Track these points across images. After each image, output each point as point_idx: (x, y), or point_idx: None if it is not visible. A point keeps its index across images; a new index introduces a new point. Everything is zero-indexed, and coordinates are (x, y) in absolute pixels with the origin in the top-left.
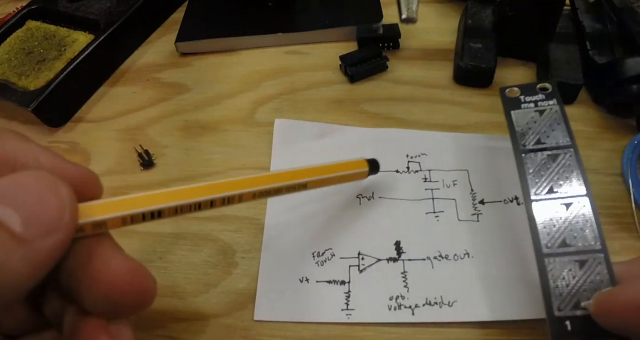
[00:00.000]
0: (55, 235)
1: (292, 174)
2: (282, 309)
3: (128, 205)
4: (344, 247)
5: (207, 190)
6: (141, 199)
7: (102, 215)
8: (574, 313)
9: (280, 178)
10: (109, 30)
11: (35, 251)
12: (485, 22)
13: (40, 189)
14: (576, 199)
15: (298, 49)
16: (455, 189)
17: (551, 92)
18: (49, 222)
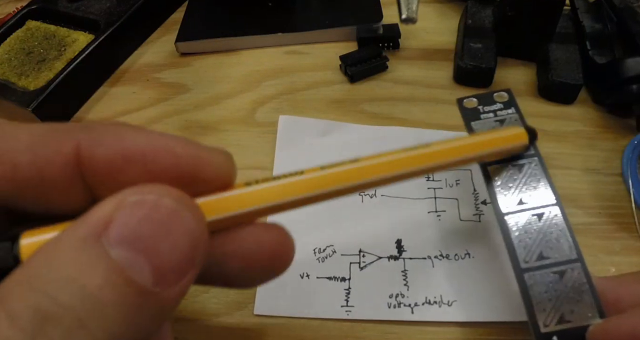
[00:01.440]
0: (187, 277)
1: (447, 151)
2: (282, 304)
3: (266, 196)
4: (345, 244)
5: (356, 173)
6: (284, 187)
7: (237, 210)
8: (560, 327)
9: (433, 157)
10: (109, 30)
11: (166, 300)
12: (485, 22)
13: (169, 222)
14: (547, 209)
15: (298, 49)
16: (457, 189)
17: (508, 101)
18: (182, 267)
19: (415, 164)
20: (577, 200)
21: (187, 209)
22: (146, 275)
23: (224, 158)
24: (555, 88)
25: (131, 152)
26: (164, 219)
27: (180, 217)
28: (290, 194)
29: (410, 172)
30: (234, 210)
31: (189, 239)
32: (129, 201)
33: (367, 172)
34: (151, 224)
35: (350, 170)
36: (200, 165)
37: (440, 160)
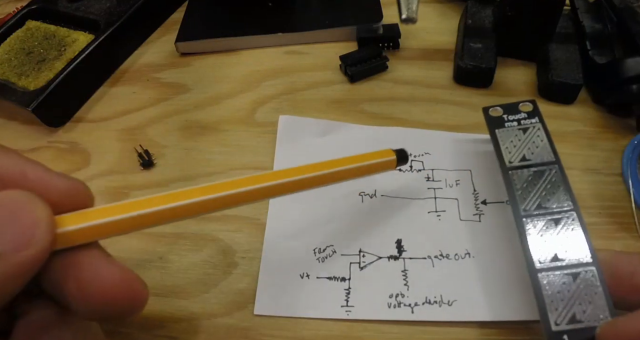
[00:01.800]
0: (27, 250)
1: (315, 166)
2: (282, 304)
3: (110, 212)
4: (345, 244)
5: (212, 189)
6: (126, 206)
7: (79, 224)
8: (571, 327)
9: (302, 171)
10: (109, 30)
11: (7, 265)
12: (485, 22)
13: (15, 207)
14: (565, 214)
15: (298, 49)
16: (457, 189)
17: (532, 111)
18: (21, 238)
19: (281, 178)
20: (577, 200)
21: (32, 199)
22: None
23: (73, 183)
24: (555, 88)
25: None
26: (10, 204)
27: (27, 205)
28: (128, 211)
29: (276, 184)
30: (78, 223)
31: (31, 219)
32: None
33: (220, 188)
34: (1, 206)
35: (209, 187)
36: (47, 189)
37: (304, 174)
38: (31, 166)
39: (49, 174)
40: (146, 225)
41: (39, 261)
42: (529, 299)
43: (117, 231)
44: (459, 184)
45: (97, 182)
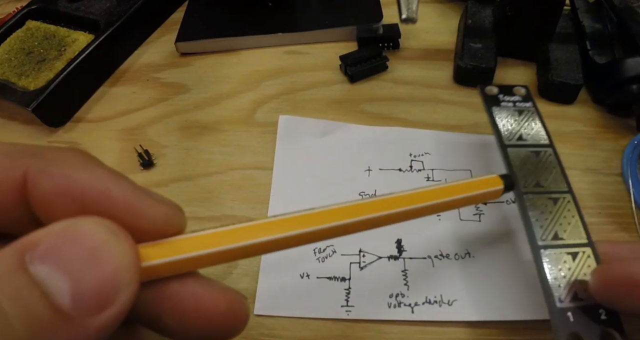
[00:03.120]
0: (110, 309)
1: (417, 196)
2: (282, 304)
3: (207, 243)
4: (345, 244)
5: (313, 219)
6: (234, 233)
7: (169, 257)
8: (574, 304)
9: (405, 201)
10: (109, 30)
11: (84, 332)
12: (485, 22)
13: (96, 245)
14: (561, 195)
15: (298, 49)
16: None
17: (526, 96)
18: (104, 295)
19: (387, 208)
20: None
21: (117, 240)
22: (65, 294)
23: (166, 212)
24: (555, 88)
25: (69, 190)
26: (91, 245)
27: (109, 247)
28: (230, 242)
29: (378, 218)
30: (168, 256)
31: (114, 269)
32: (60, 226)
33: (320, 219)
34: (77, 248)
35: (300, 217)
36: (135, 217)
37: (407, 206)
38: (118, 184)
39: (139, 197)
40: (243, 257)
41: (123, 316)
42: (529, 299)
43: (213, 263)
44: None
45: None
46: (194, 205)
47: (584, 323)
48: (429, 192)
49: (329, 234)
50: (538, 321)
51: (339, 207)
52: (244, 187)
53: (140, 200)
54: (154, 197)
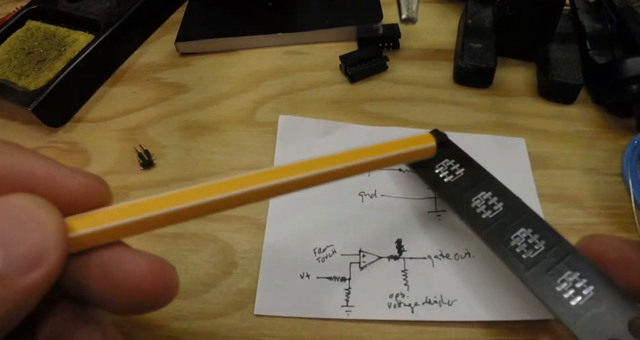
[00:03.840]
0: (39, 269)
1: (351, 154)
2: (282, 304)
3: (130, 212)
4: (345, 244)
5: (233, 184)
6: (146, 204)
7: (93, 227)
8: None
9: (338, 160)
10: (109, 30)
11: (15, 288)
12: (485, 22)
13: (20, 218)
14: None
15: (298, 49)
16: None
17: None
18: (30, 257)
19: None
20: (577, 200)
21: (43, 211)
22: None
23: (86, 182)
24: (555, 88)
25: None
26: (19, 216)
27: (35, 217)
28: (147, 211)
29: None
30: (92, 226)
31: (40, 234)
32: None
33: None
34: (7, 220)
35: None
36: (59, 190)
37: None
38: (39, 162)
39: (60, 170)
40: (164, 225)
41: (52, 278)
42: (529, 299)
43: (135, 232)
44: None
45: None
46: None
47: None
48: (365, 150)
49: (236, 201)
50: (538, 321)
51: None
52: None
53: (61, 174)
54: (76, 170)
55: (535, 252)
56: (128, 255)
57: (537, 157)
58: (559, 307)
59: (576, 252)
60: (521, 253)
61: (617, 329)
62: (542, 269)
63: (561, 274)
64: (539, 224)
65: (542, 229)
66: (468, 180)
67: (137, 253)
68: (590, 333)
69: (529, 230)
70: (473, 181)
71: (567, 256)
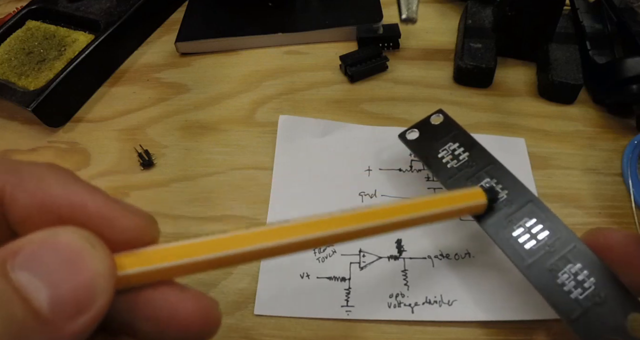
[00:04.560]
0: (86, 314)
1: (397, 208)
2: (283, 304)
3: (180, 253)
4: (345, 244)
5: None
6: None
7: (143, 267)
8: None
9: (385, 214)
10: (109, 30)
11: (60, 334)
12: (485, 22)
13: (73, 253)
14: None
15: (298, 49)
16: None
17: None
18: (81, 300)
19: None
20: (577, 200)
21: (94, 248)
22: (43, 299)
23: (138, 223)
24: (555, 88)
25: (46, 205)
26: (69, 252)
27: (86, 254)
28: (204, 252)
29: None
30: (142, 265)
31: (91, 277)
32: (40, 235)
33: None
34: (56, 256)
35: (276, 229)
36: (110, 228)
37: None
38: (93, 196)
39: (113, 207)
40: (214, 268)
41: (98, 321)
42: (529, 299)
43: (184, 273)
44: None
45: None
46: (194, 205)
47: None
48: (412, 205)
49: (298, 247)
50: (538, 321)
51: (311, 220)
52: (244, 187)
53: (114, 211)
54: (128, 208)
55: (538, 243)
56: (176, 294)
57: (537, 157)
58: (557, 300)
59: (580, 244)
60: (523, 243)
61: (616, 325)
62: (543, 260)
63: (563, 266)
64: (542, 214)
65: (545, 219)
66: (472, 166)
67: (184, 291)
68: (588, 328)
69: (532, 220)
70: (477, 167)
71: (571, 248)
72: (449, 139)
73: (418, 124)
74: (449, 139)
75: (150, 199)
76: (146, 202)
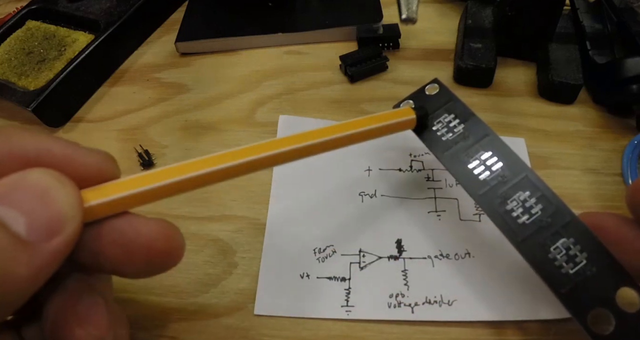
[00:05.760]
0: (60, 236)
1: (331, 129)
2: (282, 304)
3: (138, 183)
4: (345, 244)
5: (230, 157)
6: (154, 175)
7: (107, 197)
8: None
9: (318, 135)
10: (109, 30)
11: (40, 254)
12: (485, 22)
13: (41, 190)
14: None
15: (298, 49)
16: (457, 189)
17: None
18: (51, 225)
19: (297, 142)
20: (577, 200)
21: (61, 184)
22: (20, 225)
23: (98, 159)
24: (555, 88)
25: (16, 152)
26: (40, 188)
27: (55, 189)
28: (158, 180)
29: (293, 149)
30: (105, 196)
31: (60, 206)
32: (13, 176)
33: (237, 155)
34: (29, 192)
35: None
36: (75, 165)
37: (320, 138)
38: (57, 142)
39: (74, 149)
40: (171, 194)
41: (72, 244)
42: (529, 299)
43: (144, 201)
44: (459, 184)
45: None
46: (194, 205)
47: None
48: (346, 125)
49: (241, 170)
50: (538, 321)
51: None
52: (244, 187)
53: (76, 151)
54: (88, 149)
55: (532, 217)
56: (139, 220)
57: (537, 157)
58: (548, 274)
59: (574, 218)
60: (517, 218)
61: (607, 298)
62: (536, 234)
63: (555, 241)
64: (536, 187)
65: (539, 192)
66: (467, 139)
67: (147, 218)
68: (577, 302)
69: (526, 193)
70: (473, 139)
71: (564, 222)
72: (443, 111)
73: (413, 94)
74: (443, 111)
75: None
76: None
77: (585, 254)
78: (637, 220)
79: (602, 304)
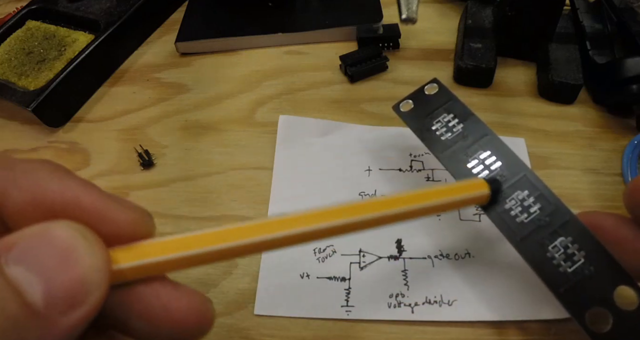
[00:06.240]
0: (80, 309)
1: (397, 200)
2: (282, 304)
3: (175, 247)
4: (345, 244)
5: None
6: (192, 239)
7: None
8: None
9: (384, 205)
10: (109, 30)
11: (54, 330)
12: (485, 22)
13: (67, 247)
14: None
15: (298, 49)
16: None
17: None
18: (75, 294)
19: (368, 212)
20: (577, 200)
21: (87, 242)
22: (37, 294)
23: (133, 217)
24: (555, 88)
25: (40, 200)
26: (62, 246)
27: (79, 248)
28: (199, 246)
29: (360, 222)
30: (137, 259)
31: (85, 270)
32: (33, 229)
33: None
34: (49, 250)
35: (273, 222)
36: (105, 222)
37: (386, 210)
38: (87, 191)
39: (107, 202)
40: (208, 262)
41: (93, 316)
42: (529, 299)
43: (180, 267)
44: None
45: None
46: (194, 205)
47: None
48: (412, 196)
49: (296, 239)
50: (538, 321)
51: (311, 212)
52: (244, 187)
53: (108, 206)
54: (122, 203)
55: (530, 216)
56: (168, 291)
57: (537, 157)
58: (547, 273)
59: (572, 217)
60: (515, 217)
61: (605, 298)
62: (534, 233)
63: (554, 240)
64: (534, 186)
65: (537, 191)
66: (466, 138)
67: (177, 288)
68: (576, 301)
69: (524, 192)
70: (471, 139)
71: (562, 221)
72: (443, 110)
73: (412, 94)
74: (443, 110)
75: (150, 199)
76: (146, 202)
77: (583, 252)
78: (635, 219)
79: (600, 303)
